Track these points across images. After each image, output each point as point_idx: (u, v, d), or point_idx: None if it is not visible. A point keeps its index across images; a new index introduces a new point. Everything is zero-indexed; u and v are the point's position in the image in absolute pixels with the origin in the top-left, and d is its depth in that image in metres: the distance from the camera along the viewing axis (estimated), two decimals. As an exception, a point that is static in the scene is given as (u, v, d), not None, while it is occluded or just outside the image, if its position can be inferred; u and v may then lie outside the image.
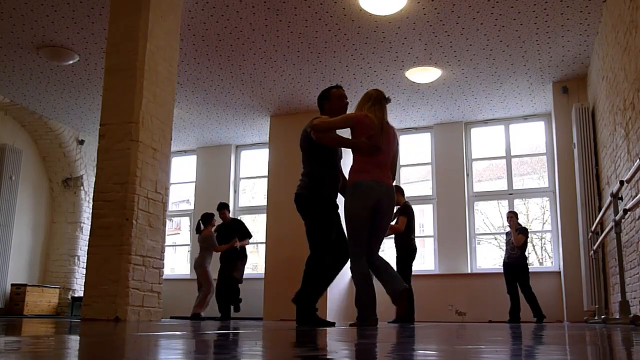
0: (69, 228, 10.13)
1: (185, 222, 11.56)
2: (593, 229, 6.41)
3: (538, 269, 9.04)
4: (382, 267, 4.13)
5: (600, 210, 6.23)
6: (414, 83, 7.85)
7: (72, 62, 7.38)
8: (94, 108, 8.87)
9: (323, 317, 5.13)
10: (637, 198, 4.25)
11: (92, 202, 4.98)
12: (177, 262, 12.15)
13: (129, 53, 5.05)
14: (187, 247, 11.01)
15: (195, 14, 6.24)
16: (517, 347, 1.89)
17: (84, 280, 4.83)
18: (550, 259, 10.40)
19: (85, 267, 4.91)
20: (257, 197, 11.55)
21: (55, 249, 10.07)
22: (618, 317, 5.09)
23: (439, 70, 7.51)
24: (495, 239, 13.23)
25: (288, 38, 6.72)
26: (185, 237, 11.77)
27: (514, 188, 9.23)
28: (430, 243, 9.41)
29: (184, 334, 2.62)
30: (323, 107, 4.47)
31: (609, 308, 6.46)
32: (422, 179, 10.67)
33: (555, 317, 7.89)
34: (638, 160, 4.21)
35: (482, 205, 11.85)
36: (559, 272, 8.03)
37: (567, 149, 7.67)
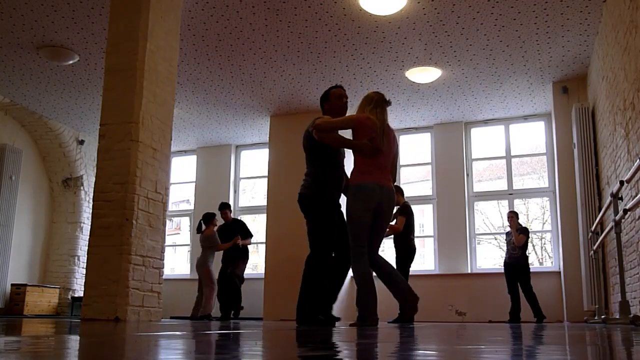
0: (69, 228, 10.13)
1: (185, 222, 11.56)
2: (593, 229, 6.41)
3: (538, 269, 9.03)
4: (384, 267, 4.16)
5: (600, 210, 6.23)
6: (414, 83, 7.85)
7: (72, 62, 7.38)
8: (94, 108, 8.87)
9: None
10: (637, 198, 4.25)
11: (92, 202, 4.98)
12: (177, 262, 12.16)
13: (129, 53, 5.05)
14: (187, 247, 11.01)
15: (195, 14, 6.24)
16: (517, 347, 1.89)
17: (84, 280, 4.83)
18: (550, 259, 10.40)
19: (85, 267, 4.91)
20: (257, 197, 11.55)
21: (55, 249, 10.07)
22: (618, 317, 5.09)
23: (439, 70, 7.51)
24: (495, 239, 13.23)
25: (288, 38, 6.72)
26: (185, 237, 11.78)
27: (514, 188, 9.23)
28: (430, 243, 9.41)
29: (184, 334, 2.62)
30: (324, 108, 4.48)
31: (609, 308, 6.46)
32: (422, 179, 10.67)
33: (555, 317, 7.89)
34: (638, 160, 4.21)
35: (482, 205, 11.85)
36: (559, 272, 8.03)
37: (567, 149, 7.67)
